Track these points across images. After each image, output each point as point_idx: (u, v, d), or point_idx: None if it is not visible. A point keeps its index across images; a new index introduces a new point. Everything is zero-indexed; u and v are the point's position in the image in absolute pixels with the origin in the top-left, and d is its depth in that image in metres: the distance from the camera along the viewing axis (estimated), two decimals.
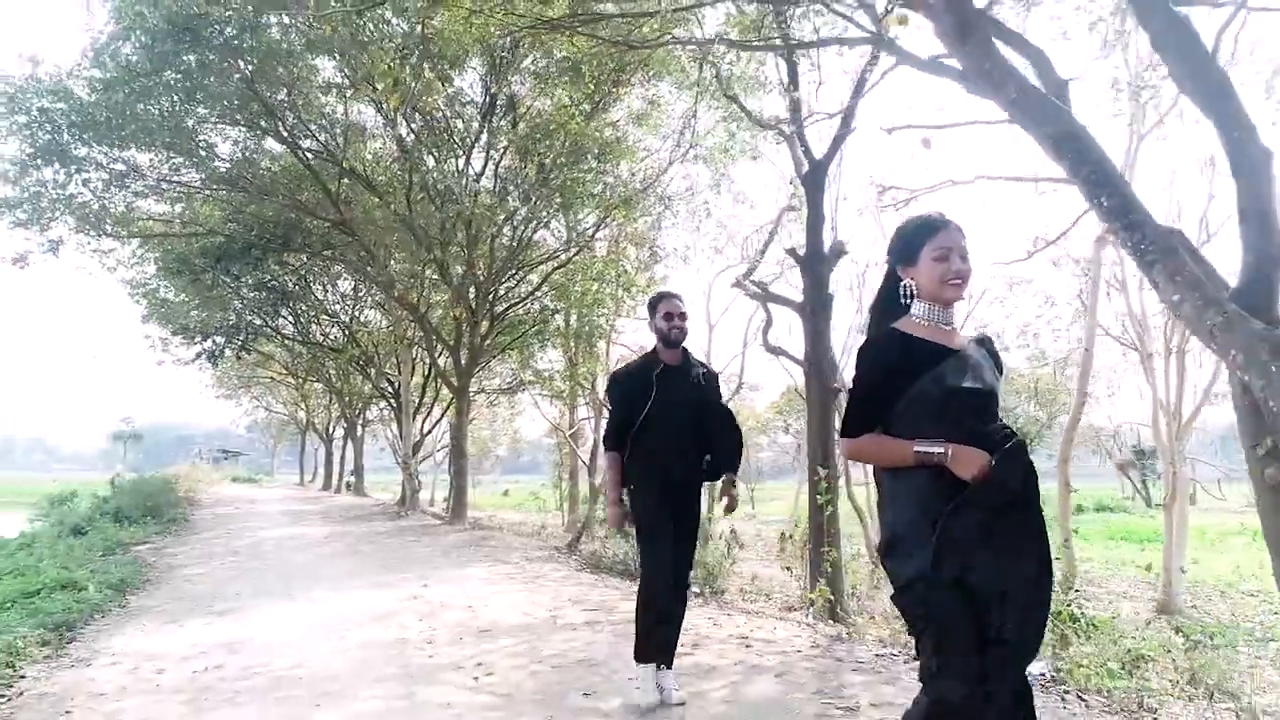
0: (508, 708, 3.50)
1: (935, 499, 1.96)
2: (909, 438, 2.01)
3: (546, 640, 4.77)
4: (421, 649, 4.63)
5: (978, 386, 2.07)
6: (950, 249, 2.08)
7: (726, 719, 3.33)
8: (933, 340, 2.10)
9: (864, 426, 2.10)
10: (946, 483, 1.95)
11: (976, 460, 1.93)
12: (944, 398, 2.02)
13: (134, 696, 3.89)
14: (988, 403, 2.08)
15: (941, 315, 2.12)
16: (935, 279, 2.09)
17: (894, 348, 2.09)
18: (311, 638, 4.99)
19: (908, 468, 2.01)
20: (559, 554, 9.39)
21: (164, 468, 34.16)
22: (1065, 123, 3.40)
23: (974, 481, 1.92)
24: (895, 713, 3.34)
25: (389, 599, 6.27)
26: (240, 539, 11.65)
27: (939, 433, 1.99)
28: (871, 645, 4.54)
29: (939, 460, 1.95)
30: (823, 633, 5.03)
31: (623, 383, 3.56)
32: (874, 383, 2.09)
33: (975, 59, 3.46)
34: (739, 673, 3.91)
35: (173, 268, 15.99)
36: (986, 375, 2.11)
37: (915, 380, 2.04)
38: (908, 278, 2.15)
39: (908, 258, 2.15)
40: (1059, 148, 3.40)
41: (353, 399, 26.41)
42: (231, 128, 13.43)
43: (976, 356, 2.13)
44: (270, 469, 58.15)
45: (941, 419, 2.01)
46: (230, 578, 7.81)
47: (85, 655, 4.78)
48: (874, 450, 2.11)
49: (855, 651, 4.32)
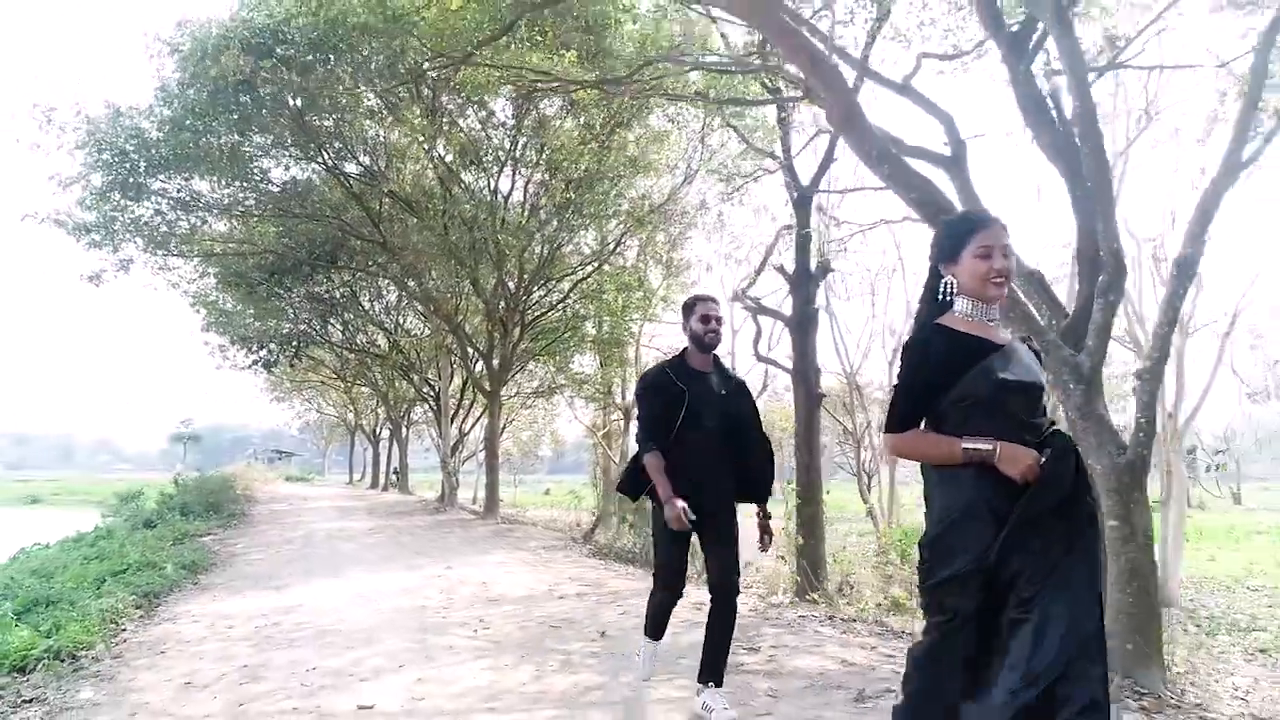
0: (495, 650, 4.51)
1: (982, 497, 1.97)
2: (957, 434, 2.00)
3: (540, 606, 5.78)
4: (437, 613, 5.66)
5: (1028, 380, 2.05)
6: (993, 246, 2.07)
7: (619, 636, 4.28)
8: (978, 335, 2.09)
9: (909, 423, 2.10)
10: (997, 481, 1.95)
11: (1025, 459, 1.92)
12: (993, 392, 2.01)
13: (211, 643, 4.99)
14: (1036, 397, 2.07)
15: (986, 312, 2.11)
16: (978, 277, 2.08)
17: (938, 343, 2.08)
18: (350, 604, 6.07)
19: (956, 465, 2.00)
20: (574, 544, 10.41)
21: (221, 467, 36.06)
22: (928, 192, 4.29)
23: (1021, 480, 1.92)
24: (789, 653, 4.25)
25: (417, 577, 7.34)
26: (294, 531, 12.89)
27: (989, 428, 1.98)
28: (806, 610, 5.44)
29: (987, 458, 1.95)
30: (773, 603, 5.95)
31: (653, 383, 3.42)
32: (918, 379, 2.09)
33: (857, 142, 4.37)
34: (683, 626, 4.84)
35: (231, 281, 17.49)
36: (1034, 370, 2.10)
37: (961, 376, 2.03)
38: (949, 275, 2.14)
39: (951, 255, 2.13)
40: (922, 211, 4.30)
41: (397, 402, 27.83)
42: (283, 154, 14.74)
43: (1023, 351, 2.12)
44: (322, 468, 60.41)
45: (992, 414, 2.00)
46: (285, 561, 8.98)
47: (169, 615, 5.93)
48: (921, 446, 2.09)
49: (785, 614, 5.23)
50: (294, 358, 19.95)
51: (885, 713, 3.30)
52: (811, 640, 4.55)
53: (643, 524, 9.77)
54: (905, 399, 2.09)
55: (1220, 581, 15.77)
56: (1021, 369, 2.05)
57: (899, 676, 3.81)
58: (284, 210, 14.57)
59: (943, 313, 2.14)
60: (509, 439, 30.68)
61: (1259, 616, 11.79)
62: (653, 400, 3.38)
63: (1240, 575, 15.95)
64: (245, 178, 14.43)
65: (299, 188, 15.32)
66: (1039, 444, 1.96)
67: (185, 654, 4.71)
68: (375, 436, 35.90)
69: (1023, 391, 2.03)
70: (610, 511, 11.28)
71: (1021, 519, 1.90)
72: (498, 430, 16.96)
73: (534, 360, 19.58)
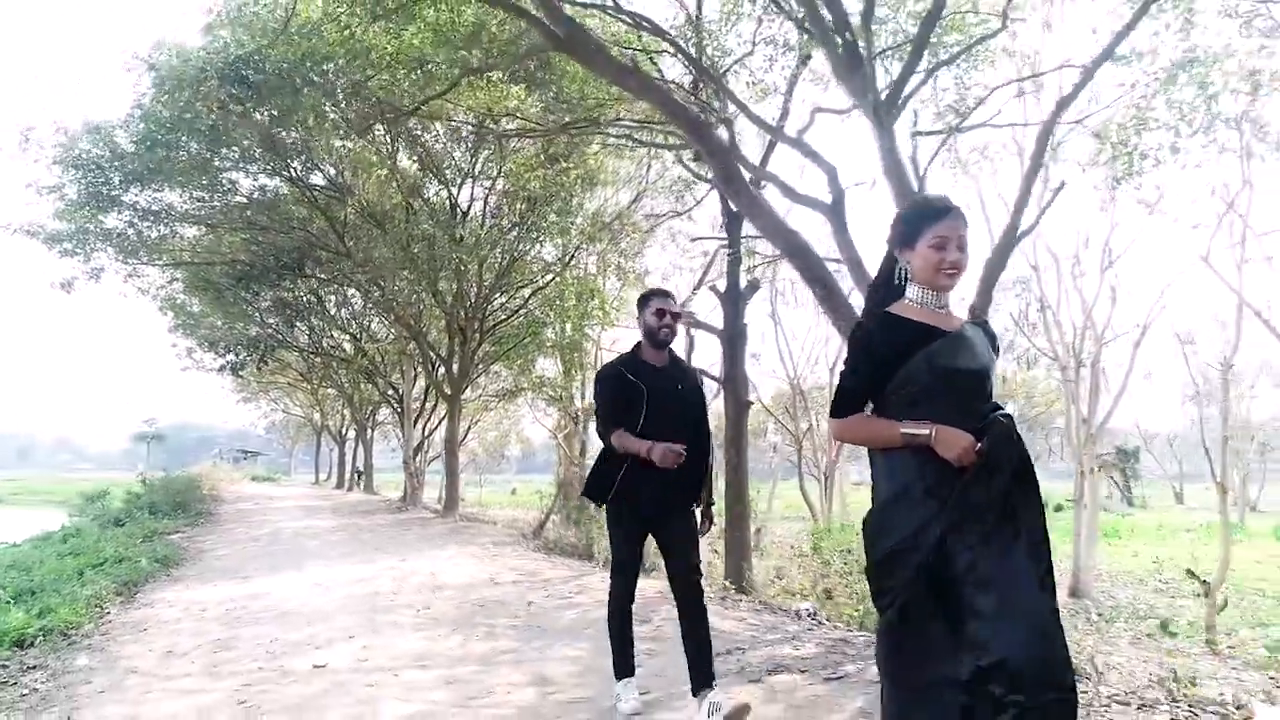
0: (431, 625, 5.33)
1: (918, 480, 1.99)
2: (900, 419, 2.02)
3: (477, 592, 6.60)
4: (387, 597, 6.46)
5: (970, 366, 2.06)
6: (948, 238, 2.08)
7: (539, 613, 5.12)
8: (926, 323, 2.10)
9: (852, 407, 2.12)
10: (934, 464, 1.97)
11: (960, 442, 1.94)
12: (935, 378, 2.02)
13: (186, 622, 5.74)
14: (980, 383, 2.08)
15: (937, 300, 2.13)
16: (930, 266, 2.09)
17: (883, 330, 2.11)
18: (310, 591, 6.84)
19: (896, 448, 2.02)
20: (523, 540, 11.21)
21: (187, 467, 36.22)
22: (793, 240, 5.18)
23: (958, 463, 1.93)
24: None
25: (372, 569, 8.11)
26: (259, 529, 13.54)
27: (931, 413, 1.99)
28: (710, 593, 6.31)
29: (925, 441, 1.96)
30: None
31: (608, 379, 3.38)
32: (861, 364, 2.11)
33: (736, 199, 5.25)
34: (592, 604, 5.68)
35: (199, 286, 18.07)
36: (981, 356, 2.10)
37: (904, 362, 2.04)
38: (904, 260, 2.14)
39: (907, 241, 2.14)
40: (791, 256, 5.18)
41: (362, 404, 28.38)
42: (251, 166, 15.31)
43: (972, 338, 2.12)
44: (288, 468, 60.43)
45: (933, 400, 2.01)
46: (251, 556, 9.69)
47: (147, 601, 6.66)
48: (862, 430, 2.12)
49: None
50: (261, 361, 20.47)
51: (728, 662, 4.19)
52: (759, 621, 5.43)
53: (585, 519, 10.61)
54: (849, 384, 2.12)
55: (1135, 575, 16.92)
56: (967, 355, 2.07)
57: (755, 641, 4.71)
58: (252, 223, 15.16)
59: (896, 298, 2.16)
60: (474, 440, 31.37)
61: (1157, 606, 12.88)
62: (608, 394, 3.35)
63: (1155, 569, 17.09)
64: (214, 188, 15.04)
65: (266, 198, 15.93)
66: (975, 429, 1.96)
67: (164, 631, 5.47)
68: (341, 437, 36.35)
69: (965, 377, 2.04)
70: (557, 509, 12.08)
71: (963, 502, 1.93)
72: (458, 432, 17.69)
73: (496, 364, 20.32)
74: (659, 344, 3.40)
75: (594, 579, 7.13)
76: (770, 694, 3.68)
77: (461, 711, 3.53)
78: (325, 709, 3.63)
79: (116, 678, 4.33)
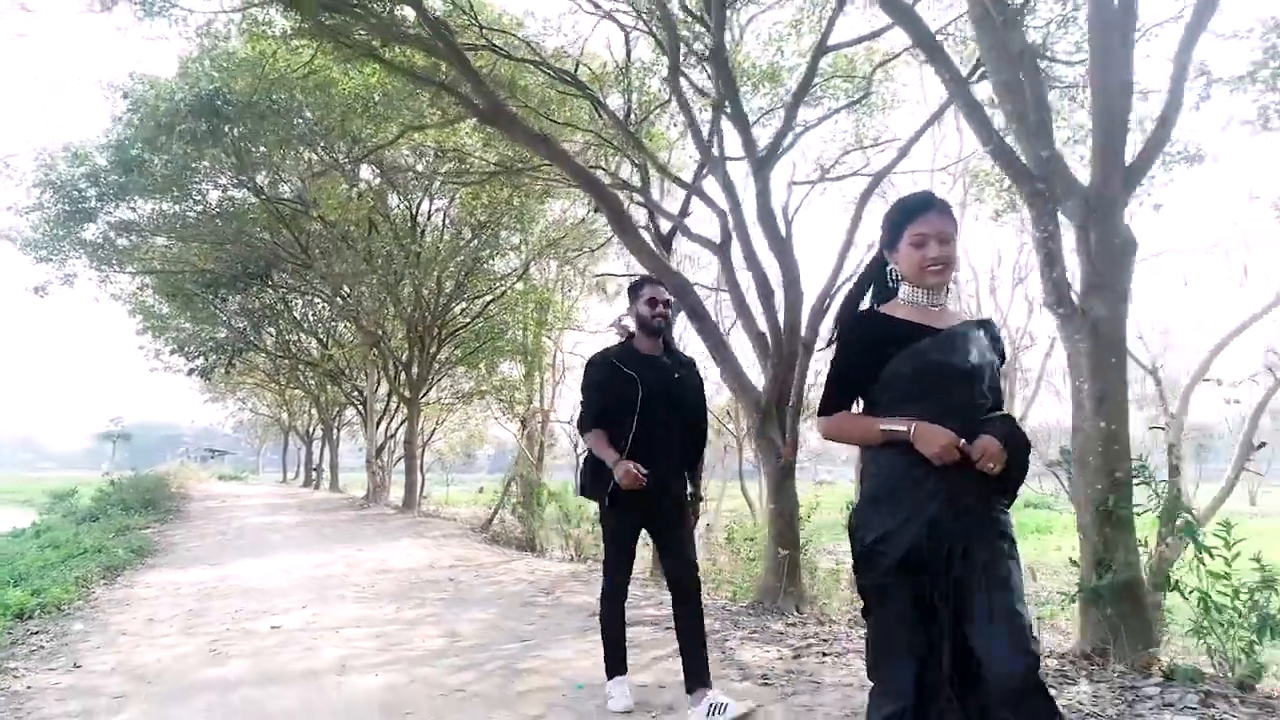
0: (372, 599, 6.39)
1: (899, 477, 1.98)
2: (890, 416, 2.01)
3: (419, 574, 7.66)
4: (339, 579, 7.49)
5: (956, 364, 2.02)
6: (927, 235, 2.04)
7: (465, 588, 6.20)
8: (914, 321, 2.08)
9: (837, 405, 2.11)
10: (917, 461, 1.95)
11: (940, 439, 1.91)
12: (919, 376, 2.00)
13: (164, 599, 6.74)
14: (969, 382, 2.04)
15: (928, 298, 2.10)
16: (914, 265, 2.06)
17: (866, 328, 2.12)
18: (272, 574, 7.85)
19: (881, 445, 2.02)
20: (472, 533, 12.26)
21: (153, 466, 36.58)
22: (675, 279, 6.29)
23: (938, 460, 1.91)
24: (573, 595, 6.22)
25: (329, 557, 9.12)
26: (227, 525, 14.41)
27: (918, 411, 1.97)
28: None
29: (903, 438, 1.95)
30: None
31: (600, 367, 3.33)
32: (845, 364, 2.11)
33: (626, 243, 6.35)
34: (511, 582, 6.76)
35: (168, 292, 18.86)
36: (972, 354, 2.05)
37: (888, 361, 2.02)
38: (893, 261, 2.13)
39: (891, 243, 2.12)
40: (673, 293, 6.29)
41: (329, 405, 29.16)
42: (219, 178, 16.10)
43: (966, 335, 2.07)
44: (256, 467, 60.64)
45: (920, 398, 1.99)
46: (219, 547, 10.63)
47: (128, 583, 7.63)
48: (845, 428, 2.10)
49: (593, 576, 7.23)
50: (229, 365, 21.22)
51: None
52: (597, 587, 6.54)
53: (528, 514, 11.67)
54: (833, 384, 2.11)
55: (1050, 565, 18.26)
56: (954, 353, 2.03)
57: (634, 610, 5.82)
58: (219, 237, 15.97)
59: (889, 299, 2.16)
60: (441, 440, 32.30)
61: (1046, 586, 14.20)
62: (593, 385, 3.33)
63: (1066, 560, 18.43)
64: (184, 199, 15.86)
65: (234, 208, 16.73)
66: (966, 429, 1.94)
67: (145, 604, 6.47)
68: (309, 436, 37.02)
69: (951, 375, 2.01)
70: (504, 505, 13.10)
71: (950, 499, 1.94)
72: (417, 433, 18.68)
73: (458, 367, 21.28)
74: (652, 332, 3.40)
75: (520, 563, 8.24)
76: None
77: (383, 653, 4.61)
78: (278, 654, 4.69)
79: (109, 638, 5.34)
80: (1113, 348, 3.82)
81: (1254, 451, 9.51)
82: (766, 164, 7.00)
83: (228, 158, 14.12)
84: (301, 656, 4.61)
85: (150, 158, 13.18)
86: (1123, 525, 3.77)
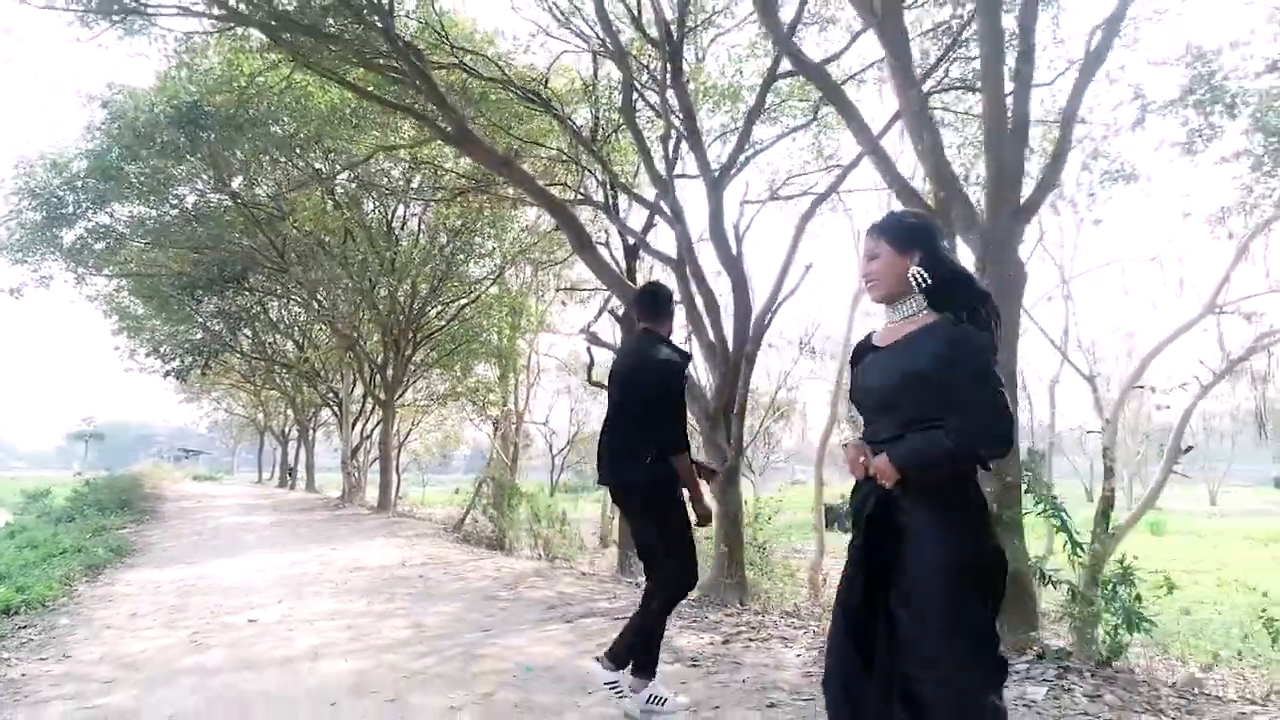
0: (345, 594, 6.77)
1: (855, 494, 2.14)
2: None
3: (391, 572, 8.04)
4: (313, 576, 7.86)
5: (869, 384, 2.14)
6: (862, 255, 2.20)
7: (434, 584, 6.60)
8: (869, 340, 2.22)
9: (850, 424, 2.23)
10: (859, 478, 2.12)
11: (849, 454, 2.05)
12: (853, 393, 2.17)
13: (145, 595, 7.08)
14: (875, 399, 2.13)
15: (892, 312, 2.18)
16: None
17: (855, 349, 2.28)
18: (248, 572, 8.20)
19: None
20: (445, 532, 12.62)
21: (127, 466, 36.58)
22: (627, 293, 6.73)
23: (854, 475, 2.07)
24: (536, 589, 6.64)
25: (304, 556, 9.48)
26: (202, 525, 14.67)
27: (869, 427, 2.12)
28: (586, 569, 7.87)
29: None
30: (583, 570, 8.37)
31: (684, 371, 3.50)
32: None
33: (585, 259, 6.78)
34: (477, 578, 7.16)
35: (144, 293, 19.04)
36: (888, 371, 2.10)
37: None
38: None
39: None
40: (627, 305, 6.74)
41: (305, 406, 29.32)
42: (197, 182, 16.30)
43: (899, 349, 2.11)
44: (231, 467, 60.37)
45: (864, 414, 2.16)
46: (195, 547, 10.93)
47: (109, 581, 7.96)
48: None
49: (569, 573, 7.66)
50: (205, 366, 21.38)
51: (569, 620, 5.72)
52: (559, 584, 6.98)
53: (500, 515, 12.05)
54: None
55: None
56: (873, 373, 2.13)
57: (584, 599, 6.27)
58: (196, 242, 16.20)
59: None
60: (417, 441, 32.59)
61: None
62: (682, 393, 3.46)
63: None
64: (162, 204, 16.07)
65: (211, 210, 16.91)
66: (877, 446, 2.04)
67: (128, 601, 6.81)
68: (284, 437, 37.11)
69: (864, 394, 2.13)
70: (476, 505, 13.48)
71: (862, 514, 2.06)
72: (392, 434, 19.00)
73: (433, 369, 21.60)
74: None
75: (488, 561, 8.65)
76: (576, 629, 5.24)
77: (354, 642, 5.01)
78: (255, 644, 5.08)
79: (94, 631, 5.70)
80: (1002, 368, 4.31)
81: (1182, 455, 10.08)
82: (720, 184, 7.47)
83: (205, 165, 14.40)
84: (277, 645, 5.00)
85: (128, 166, 13.45)
86: (1011, 527, 4.25)
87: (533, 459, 34.35)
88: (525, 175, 7.04)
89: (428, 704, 3.75)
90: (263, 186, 16.39)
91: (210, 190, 16.26)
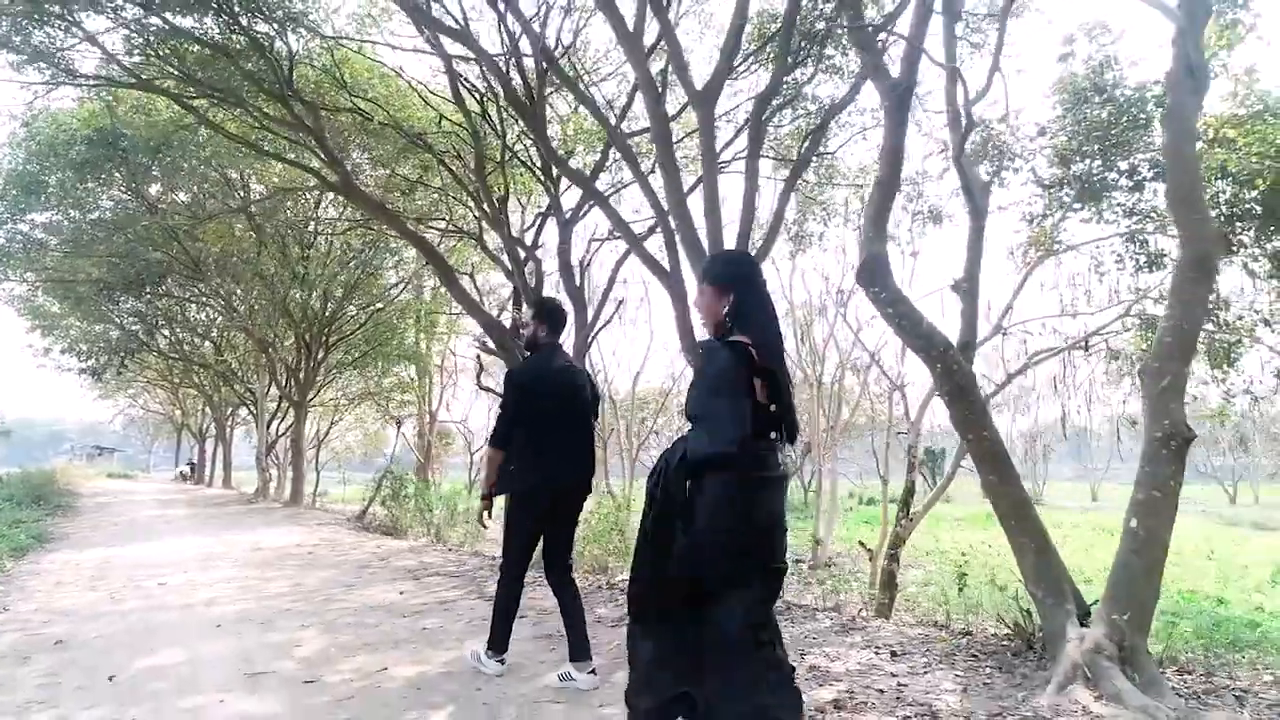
0: (243, 565, 8.17)
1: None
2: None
3: (285, 551, 9.43)
4: (218, 555, 9.20)
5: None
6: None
7: (318, 558, 8.05)
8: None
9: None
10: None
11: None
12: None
13: (68, 570, 8.33)
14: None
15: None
16: None
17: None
18: (160, 553, 9.48)
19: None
20: (347, 522, 13.95)
21: (36, 464, 36.18)
22: (490, 326, 8.29)
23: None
24: (441, 578, 8.15)
25: (211, 541, 10.75)
26: (119, 518, 15.61)
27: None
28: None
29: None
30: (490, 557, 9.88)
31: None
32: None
33: (448, 287, 8.31)
34: (359, 554, 8.62)
35: (59, 293, 19.67)
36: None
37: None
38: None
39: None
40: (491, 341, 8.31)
41: (222, 404, 29.92)
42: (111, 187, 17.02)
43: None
44: (147, 465, 59.49)
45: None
46: (113, 535, 12.05)
47: (34, 561, 9.14)
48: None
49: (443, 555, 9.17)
50: (122, 365, 22.00)
51: (424, 584, 7.26)
52: (425, 556, 8.50)
53: (395, 505, 13.43)
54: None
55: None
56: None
57: (442, 569, 7.82)
58: (111, 250, 17.01)
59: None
60: (337, 439, 33.39)
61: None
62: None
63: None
64: (81, 210, 16.81)
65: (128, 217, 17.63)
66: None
67: (52, 574, 8.08)
68: (202, 435, 37.36)
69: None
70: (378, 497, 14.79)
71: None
72: (303, 434, 20.13)
73: (348, 370, 22.71)
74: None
75: (373, 543, 10.13)
76: (421, 584, 6.78)
77: (242, 594, 6.47)
78: (164, 598, 6.48)
79: (27, 594, 6.98)
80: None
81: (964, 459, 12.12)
82: (569, 226, 9.10)
83: (123, 178, 15.34)
84: (180, 598, 6.43)
85: (47, 178, 14.33)
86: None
87: (456, 455, 35.40)
88: (401, 224, 8.52)
89: (289, 624, 5.28)
90: (180, 195, 17.29)
91: (128, 200, 17.10)
